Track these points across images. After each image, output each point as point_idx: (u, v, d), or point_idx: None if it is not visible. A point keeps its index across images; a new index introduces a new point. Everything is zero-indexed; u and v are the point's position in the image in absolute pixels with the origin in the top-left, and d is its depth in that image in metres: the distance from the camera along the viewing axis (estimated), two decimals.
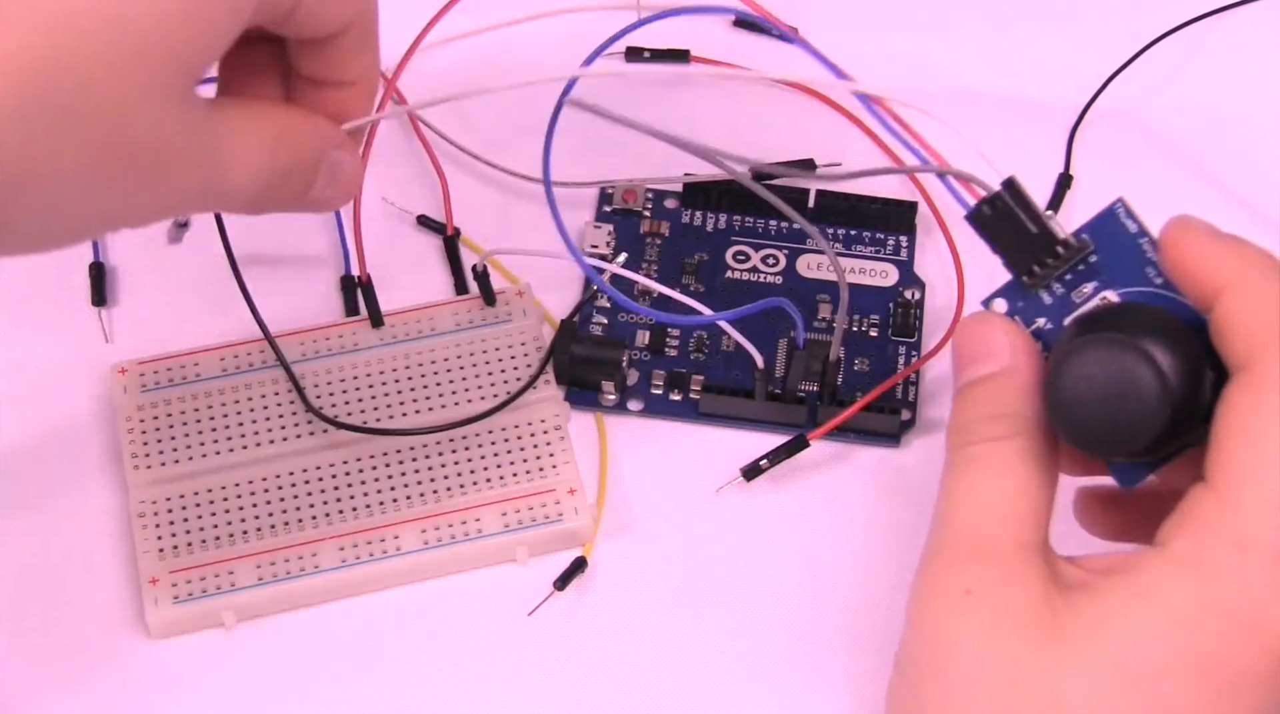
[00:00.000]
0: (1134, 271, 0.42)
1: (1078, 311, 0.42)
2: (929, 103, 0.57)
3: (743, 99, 0.58)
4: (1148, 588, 0.38)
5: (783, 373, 0.52)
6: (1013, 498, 0.40)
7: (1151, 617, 0.37)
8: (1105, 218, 0.42)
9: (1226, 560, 0.37)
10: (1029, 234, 0.42)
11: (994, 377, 0.41)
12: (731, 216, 0.55)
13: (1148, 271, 0.41)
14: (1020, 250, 0.42)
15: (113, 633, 0.48)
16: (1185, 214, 0.40)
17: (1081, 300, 0.42)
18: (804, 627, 0.48)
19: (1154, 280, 0.41)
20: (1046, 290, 0.42)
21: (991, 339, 0.41)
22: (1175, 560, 0.38)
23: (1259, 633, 0.37)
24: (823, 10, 0.60)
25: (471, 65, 0.58)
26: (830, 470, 0.51)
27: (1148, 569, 0.38)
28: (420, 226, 0.55)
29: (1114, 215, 0.42)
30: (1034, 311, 0.42)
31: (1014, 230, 0.42)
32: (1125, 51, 0.59)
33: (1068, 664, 0.38)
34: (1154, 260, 0.41)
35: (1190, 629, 0.37)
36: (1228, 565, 0.37)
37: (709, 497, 0.50)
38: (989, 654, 0.38)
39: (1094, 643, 0.38)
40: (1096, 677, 0.37)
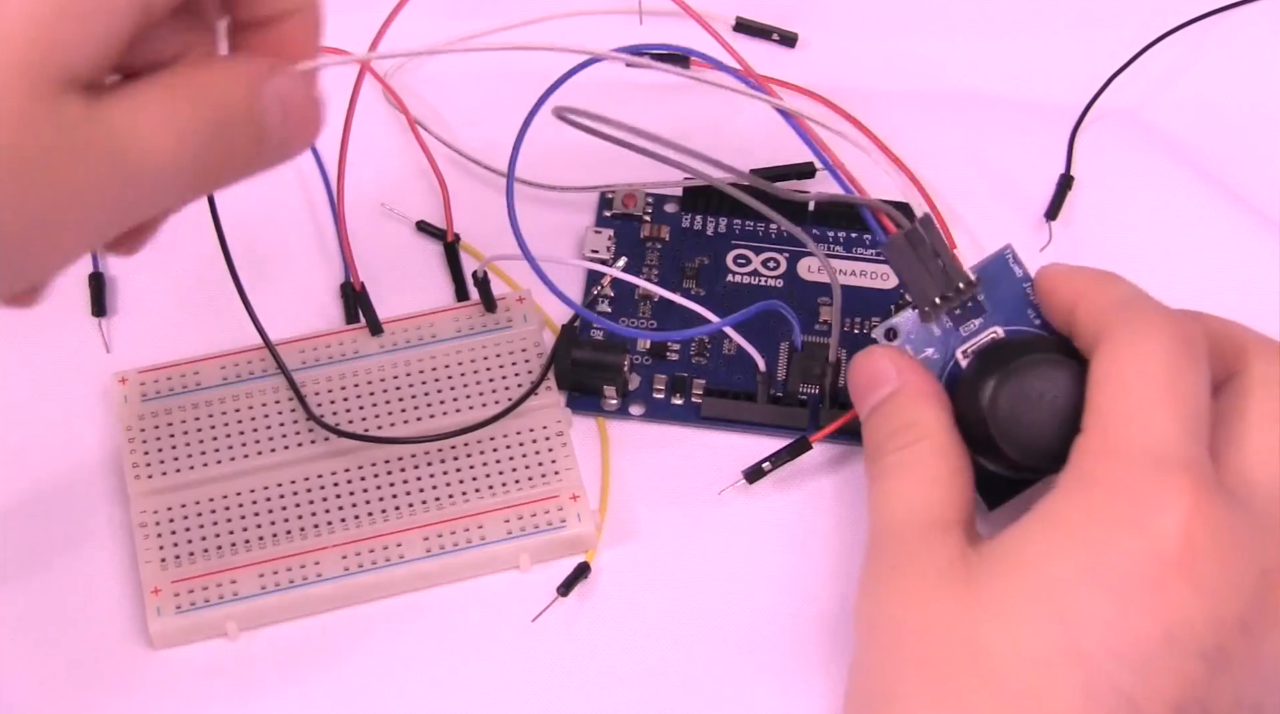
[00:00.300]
0: (1018, 312, 0.47)
1: (967, 344, 0.47)
2: (930, 105, 0.58)
3: (741, 103, 0.58)
4: (1041, 515, 0.42)
5: (784, 376, 0.52)
6: (927, 488, 0.44)
7: (1046, 538, 0.41)
8: (995, 262, 0.47)
9: (1103, 473, 0.41)
10: (936, 270, 0.46)
11: (889, 397, 0.46)
12: (732, 220, 0.55)
13: (1028, 313, 0.47)
14: (924, 284, 0.46)
15: (115, 643, 0.48)
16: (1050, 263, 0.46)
17: (969, 334, 0.47)
18: (808, 629, 0.48)
19: (1033, 321, 0.47)
20: (937, 323, 0.47)
21: (879, 368, 0.46)
22: (1061, 488, 0.42)
23: (1142, 534, 0.40)
24: (824, 14, 0.60)
25: (471, 69, 0.58)
26: (833, 472, 0.51)
27: (1041, 503, 0.42)
28: (420, 232, 0.55)
29: (1004, 260, 0.47)
30: (924, 342, 0.47)
31: (922, 264, 0.46)
32: (1126, 52, 0.59)
33: (981, 603, 0.41)
34: (1035, 303, 0.47)
35: (1080, 541, 0.40)
36: (1104, 476, 0.41)
37: (712, 500, 0.50)
38: (913, 612, 0.42)
39: (999, 576, 0.41)
40: (1006, 605, 0.41)
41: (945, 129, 0.57)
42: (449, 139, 0.56)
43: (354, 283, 0.52)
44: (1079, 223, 0.56)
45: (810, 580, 0.49)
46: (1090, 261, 0.54)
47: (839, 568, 0.49)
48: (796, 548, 0.50)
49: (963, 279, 0.46)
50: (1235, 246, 0.55)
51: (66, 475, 0.51)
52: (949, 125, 0.57)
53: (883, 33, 0.60)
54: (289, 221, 0.55)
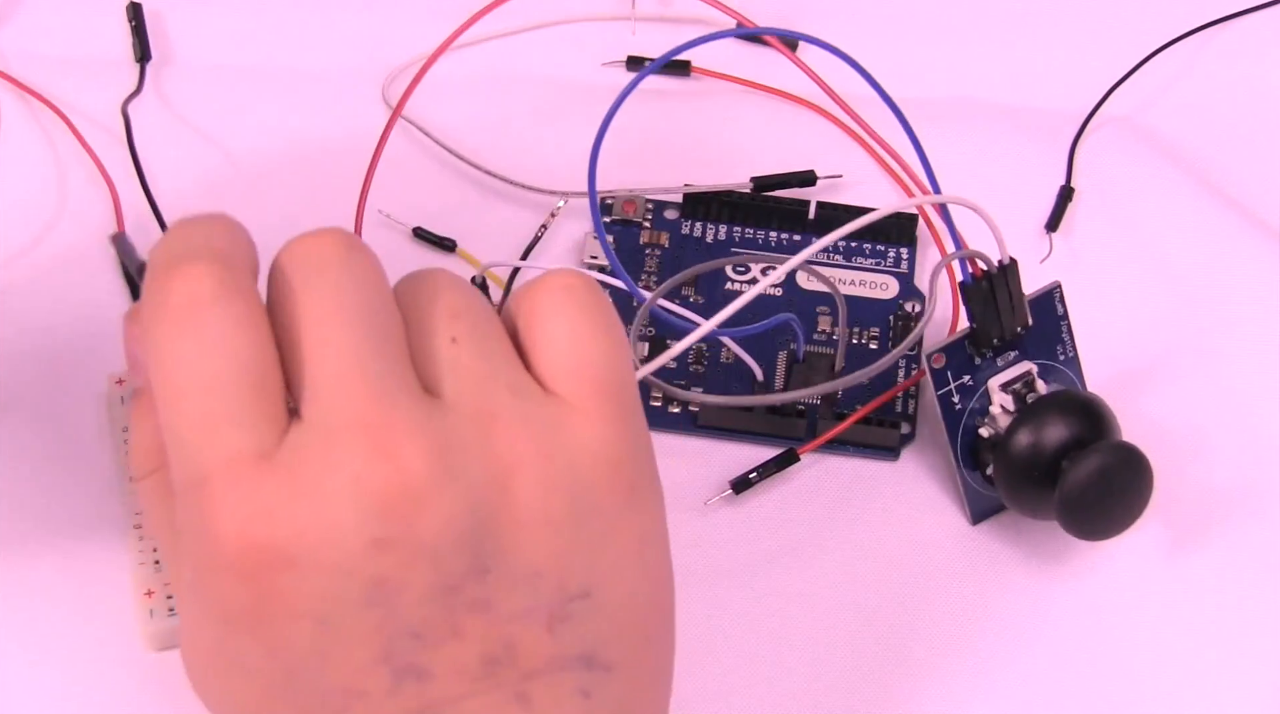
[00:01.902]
0: (1048, 349, 0.49)
1: (1001, 376, 0.48)
2: (930, 113, 0.58)
3: (742, 110, 0.58)
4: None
5: (782, 386, 0.52)
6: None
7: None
8: (1044, 298, 0.48)
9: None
10: (1007, 313, 0.47)
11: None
12: (731, 228, 0.55)
13: (1056, 349, 0.49)
14: (992, 325, 0.47)
15: (110, 646, 0.48)
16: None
17: (1004, 365, 0.48)
18: (793, 641, 0.48)
19: (1058, 357, 0.49)
20: (979, 354, 0.48)
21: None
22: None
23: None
24: (824, 20, 0.60)
25: (471, 73, 0.58)
26: (827, 484, 0.51)
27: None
28: (417, 239, 0.55)
29: (1051, 297, 0.48)
30: (963, 370, 0.48)
31: (995, 307, 0.47)
32: (1127, 61, 0.59)
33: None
34: (1064, 340, 0.49)
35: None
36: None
37: (699, 510, 0.50)
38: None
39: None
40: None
41: (945, 137, 0.57)
42: (448, 143, 0.56)
43: None
44: (1080, 234, 0.56)
45: (797, 592, 0.49)
46: (1091, 273, 0.54)
47: (826, 578, 0.49)
48: (783, 559, 0.49)
49: (1024, 323, 0.47)
50: (1237, 257, 0.55)
51: (63, 476, 0.50)
52: (949, 134, 0.57)
53: (883, 40, 0.60)
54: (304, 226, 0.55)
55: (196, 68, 0.59)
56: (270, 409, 0.34)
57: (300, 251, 0.36)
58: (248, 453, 0.34)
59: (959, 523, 0.50)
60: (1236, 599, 0.49)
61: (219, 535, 0.34)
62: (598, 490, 0.35)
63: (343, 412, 0.34)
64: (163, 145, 0.56)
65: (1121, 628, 0.48)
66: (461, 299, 0.36)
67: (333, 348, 0.34)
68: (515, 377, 0.36)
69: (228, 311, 0.34)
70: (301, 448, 0.34)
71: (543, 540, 0.35)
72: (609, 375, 0.36)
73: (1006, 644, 0.48)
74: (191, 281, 0.34)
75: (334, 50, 0.59)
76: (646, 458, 0.37)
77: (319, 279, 0.35)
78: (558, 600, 0.35)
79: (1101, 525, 0.47)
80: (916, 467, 0.51)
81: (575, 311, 0.36)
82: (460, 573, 0.34)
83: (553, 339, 0.36)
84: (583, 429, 0.35)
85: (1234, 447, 0.51)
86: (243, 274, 0.35)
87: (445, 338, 0.36)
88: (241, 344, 0.34)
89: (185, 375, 0.34)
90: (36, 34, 0.59)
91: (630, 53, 0.59)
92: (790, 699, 0.47)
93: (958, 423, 0.48)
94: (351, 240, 0.36)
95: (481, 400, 0.35)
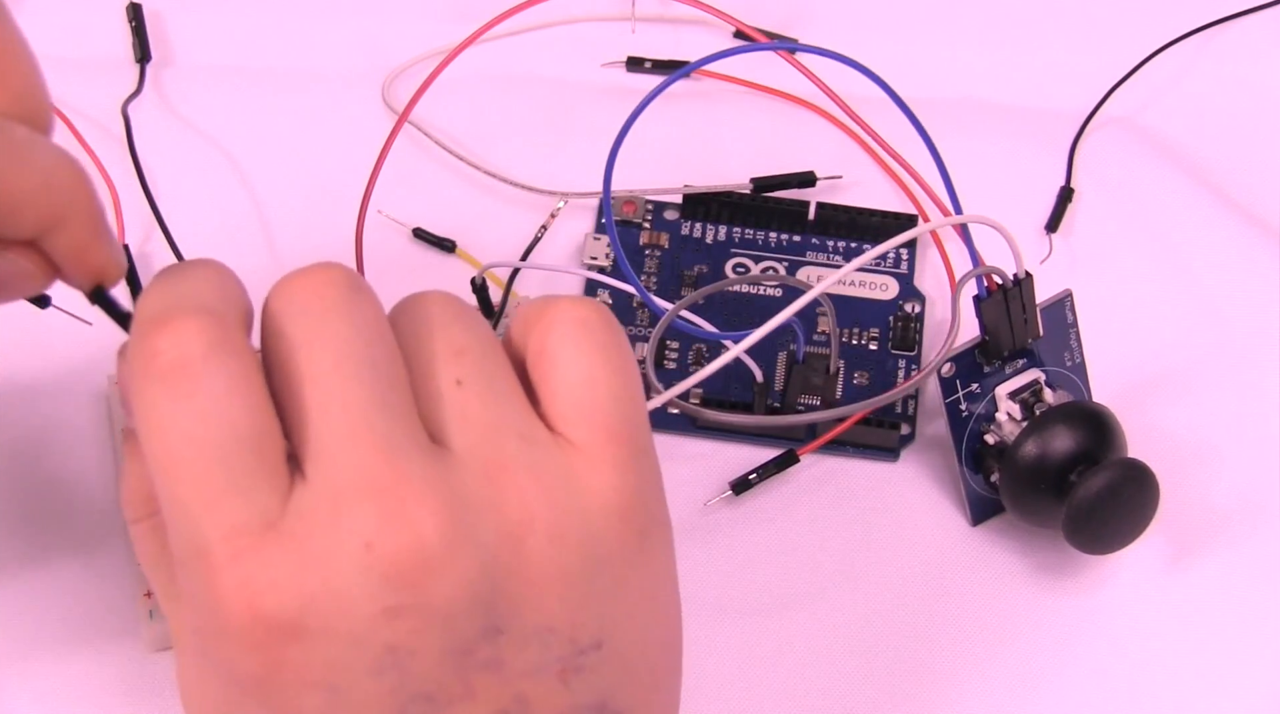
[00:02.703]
0: (1055, 356, 0.49)
1: (1008, 384, 0.48)
2: (930, 113, 0.58)
3: (742, 111, 0.58)
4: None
5: (782, 387, 0.52)
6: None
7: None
8: (1055, 307, 0.48)
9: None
10: (1019, 325, 0.47)
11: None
12: (731, 228, 0.55)
13: (1064, 356, 0.49)
14: (1004, 336, 0.47)
15: (110, 647, 0.48)
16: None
17: (1012, 372, 0.48)
18: (791, 642, 0.48)
19: (1065, 363, 0.49)
20: (988, 363, 0.48)
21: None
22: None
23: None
24: (823, 21, 0.60)
25: (471, 73, 0.58)
26: (827, 485, 0.51)
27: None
28: (417, 239, 0.55)
29: (1061, 306, 0.48)
30: (971, 377, 0.48)
31: (1009, 319, 0.47)
32: (1127, 62, 0.59)
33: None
34: (1071, 346, 0.49)
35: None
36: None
37: (699, 511, 0.50)
38: None
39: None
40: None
41: (945, 138, 0.57)
42: (448, 143, 0.56)
43: None
44: (1079, 234, 0.55)
45: (796, 593, 0.49)
46: (1091, 273, 0.54)
47: (826, 579, 0.49)
48: (782, 560, 0.49)
49: (1035, 336, 0.48)
50: (1237, 258, 0.55)
51: (62, 477, 0.50)
52: (949, 134, 0.57)
53: (882, 41, 0.60)
54: (305, 227, 0.55)
55: (197, 68, 0.59)
56: (271, 473, 0.33)
57: (298, 296, 0.34)
58: (251, 524, 0.32)
59: (959, 524, 0.50)
60: (1237, 609, 0.49)
61: (224, 607, 0.32)
62: (609, 540, 0.34)
63: (350, 472, 0.32)
64: (163, 146, 0.56)
65: (1120, 631, 0.48)
66: (464, 333, 0.35)
67: (337, 404, 0.33)
68: (524, 422, 0.34)
69: (220, 372, 0.32)
70: (308, 512, 0.33)
71: (555, 596, 0.34)
72: (622, 420, 0.35)
73: (1006, 646, 0.48)
74: (180, 339, 0.32)
75: (334, 51, 0.59)
76: (657, 500, 0.36)
77: (319, 330, 0.33)
78: (570, 653, 0.34)
79: (1106, 541, 0.47)
80: (916, 467, 0.51)
81: (591, 350, 0.35)
82: (473, 635, 0.33)
83: (565, 379, 0.35)
84: (594, 477, 0.34)
85: (1233, 446, 0.51)
86: (235, 328, 0.33)
87: (450, 380, 0.34)
88: (237, 407, 0.32)
89: (179, 443, 0.32)
90: (36, 34, 0.58)
91: (630, 53, 0.59)
92: (789, 699, 0.47)
93: (964, 429, 0.48)
94: (352, 282, 0.34)
95: (491, 451, 0.34)
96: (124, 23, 0.59)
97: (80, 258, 0.36)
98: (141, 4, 0.59)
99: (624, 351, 0.35)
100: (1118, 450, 0.47)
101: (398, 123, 0.52)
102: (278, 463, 0.33)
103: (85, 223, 0.35)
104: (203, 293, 0.34)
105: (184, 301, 0.33)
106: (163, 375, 0.32)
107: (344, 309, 0.34)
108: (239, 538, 0.32)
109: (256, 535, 0.32)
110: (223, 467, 0.32)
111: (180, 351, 0.32)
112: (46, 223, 0.35)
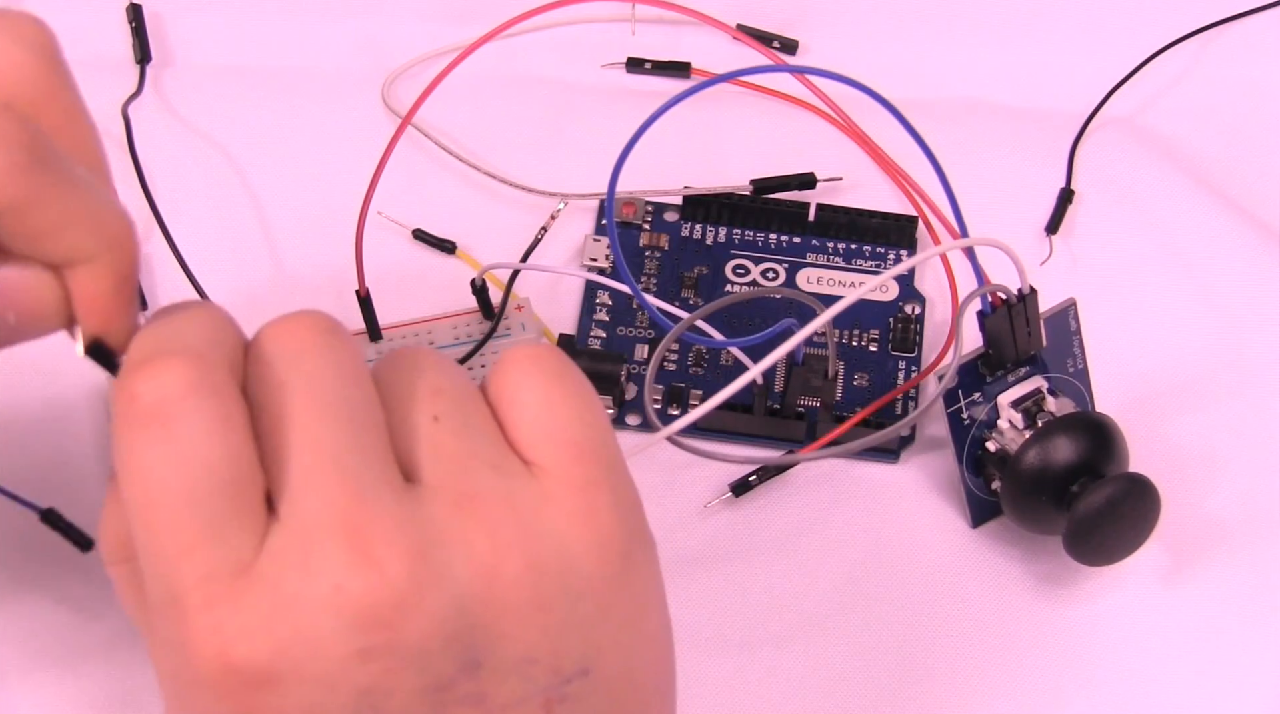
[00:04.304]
0: (1059, 363, 0.49)
1: (1011, 392, 0.48)
2: (931, 114, 0.58)
3: (742, 112, 0.58)
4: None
5: (782, 388, 0.52)
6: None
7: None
8: (1058, 316, 0.48)
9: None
10: (1023, 337, 0.47)
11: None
12: (731, 230, 0.55)
13: (1066, 362, 0.49)
14: (1007, 349, 0.47)
15: (110, 646, 0.48)
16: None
17: (1015, 381, 0.48)
18: (790, 642, 0.48)
19: (1068, 369, 0.49)
20: (991, 373, 0.48)
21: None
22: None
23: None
24: (824, 21, 0.60)
25: (472, 75, 0.58)
26: (827, 487, 0.51)
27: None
28: (416, 241, 0.55)
29: (1065, 315, 0.48)
30: (973, 387, 0.48)
31: (1012, 332, 0.47)
32: (1128, 63, 0.59)
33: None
34: (1074, 354, 0.49)
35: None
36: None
37: (700, 512, 0.50)
38: None
39: None
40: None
41: (945, 139, 0.57)
42: (448, 145, 0.56)
43: (360, 289, 0.52)
44: (1080, 236, 0.55)
45: (796, 594, 0.49)
46: (1091, 275, 0.54)
47: (826, 581, 0.49)
48: (782, 562, 0.49)
49: (1039, 348, 0.47)
50: (1238, 259, 0.55)
51: (61, 479, 0.50)
52: (949, 135, 0.57)
53: (884, 41, 0.60)
54: (305, 229, 0.55)
55: (197, 69, 0.59)
56: (247, 516, 0.33)
57: (277, 338, 0.34)
58: (223, 569, 0.32)
59: (960, 526, 0.50)
60: (1240, 616, 0.49)
61: (196, 655, 0.32)
62: (589, 565, 0.34)
63: (319, 513, 0.32)
64: (163, 147, 0.56)
65: (1124, 638, 0.48)
66: (443, 377, 0.35)
67: (309, 444, 0.33)
68: (497, 454, 0.34)
69: (197, 415, 0.32)
70: (279, 555, 0.32)
71: (535, 626, 0.33)
72: (586, 438, 0.35)
73: (1007, 652, 0.48)
74: (157, 383, 0.32)
75: (334, 52, 0.59)
76: (635, 517, 0.35)
77: (295, 370, 0.34)
78: (555, 683, 0.34)
79: (1106, 553, 0.47)
80: (916, 469, 0.51)
81: (543, 378, 0.35)
82: (451, 671, 0.33)
83: (524, 408, 0.35)
84: (568, 501, 0.34)
85: (1235, 449, 0.51)
86: (216, 370, 0.33)
87: (427, 416, 0.34)
88: (214, 450, 0.32)
89: (154, 487, 0.32)
90: None
91: (630, 54, 0.59)
92: (788, 700, 0.47)
93: (965, 436, 0.48)
94: (328, 325, 0.34)
95: (463, 483, 0.34)
96: (124, 24, 0.59)
97: (97, 299, 0.35)
98: (142, 5, 0.59)
99: (577, 378, 0.35)
100: (1120, 461, 0.47)
101: (401, 125, 0.52)
102: (255, 504, 0.33)
103: (115, 267, 0.35)
104: (187, 335, 0.34)
105: (166, 345, 0.33)
106: (139, 418, 0.32)
107: (321, 351, 0.34)
108: (211, 584, 0.32)
109: (229, 581, 0.32)
110: (197, 511, 0.32)
111: (157, 395, 0.32)
112: (80, 252, 0.35)
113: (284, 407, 0.33)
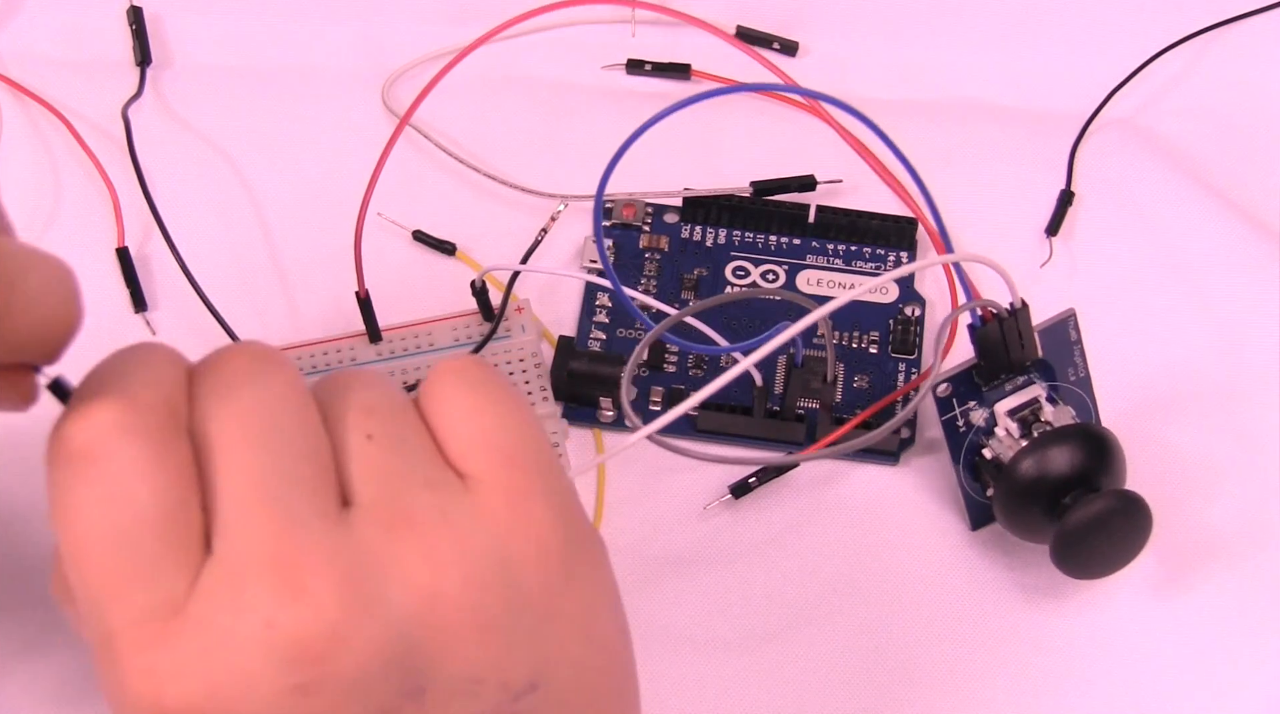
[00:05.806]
0: (1059, 371, 0.48)
1: (1009, 400, 0.47)
2: (931, 115, 0.58)
3: (742, 114, 0.58)
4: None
5: (781, 390, 0.52)
6: None
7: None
8: (1057, 326, 0.48)
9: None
10: (1015, 350, 0.47)
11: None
12: (731, 232, 0.55)
13: (1067, 371, 0.48)
14: (1000, 362, 0.47)
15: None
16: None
17: (1013, 389, 0.48)
18: (790, 643, 0.48)
19: (1069, 377, 0.48)
20: (987, 383, 0.48)
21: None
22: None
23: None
24: (824, 23, 0.60)
25: (472, 76, 0.58)
26: (827, 489, 0.51)
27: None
28: (416, 242, 0.55)
29: (1064, 326, 0.48)
30: (969, 396, 0.47)
31: (1005, 346, 0.47)
32: (1128, 64, 0.59)
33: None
34: (1075, 362, 0.48)
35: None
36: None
37: (700, 514, 0.50)
38: None
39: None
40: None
41: (946, 140, 0.57)
42: (448, 146, 0.56)
43: (359, 290, 0.52)
44: (1080, 238, 0.55)
45: (796, 595, 0.49)
46: (1092, 277, 0.54)
47: (825, 582, 0.49)
48: (782, 563, 0.49)
49: (1033, 357, 0.47)
50: (1238, 261, 0.55)
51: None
52: (949, 136, 0.57)
53: (884, 43, 0.60)
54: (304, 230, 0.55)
55: (197, 71, 0.59)
56: (180, 555, 0.32)
57: (209, 373, 0.34)
58: (155, 610, 0.32)
59: (959, 528, 0.50)
60: (1238, 626, 0.49)
61: (130, 698, 0.32)
62: (529, 576, 0.33)
63: (249, 547, 0.32)
64: (163, 148, 0.56)
65: (1120, 646, 0.48)
66: (375, 395, 0.34)
67: (237, 476, 0.32)
68: (431, 469, 0.34)
69: (125, 455, 0.32)
70: (211, 592, 0.32)
71: (479, 645, 0.33)
72: (514, 442, 0.34)
73: (1003, 652, 0.48)
74: (86, 424, 0.32)
75: (333, 53, 0.59)
76: (574, 520, 0.35)
77: (225, 403, 0.33)
78: (504, 700, 0.33)
79: (1093, 568, 0.47)
80: (916, 470, 0.51)
81: (467, 389, 0.34)
82: (394, 699, 0.32)
83: (451, 419, 0.34)
84: (503, 512, 0.33)
85: (1234, 455, 0.51)
86: (149, 411, 0.32)
87: (360, 435, 0.34)
88: (143, 490, 0.32)
89: (83, 529, 0.32)
90: (36, 37, 0.59)
91: (630, 56, 0.59)
92: (787, 701, 0.47)
93: (961, 443, 0.48)
94: (258, 353, 0.34)
95: (398, 502, 0.33)
96: (124, 25, 0.59)
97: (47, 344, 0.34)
98: (142, 7, 0.59)
99: (502, 385, 0.35)
100: (1115, 474, 0.47)
101: (399, 126, 0.52)
102: (190, 543, 0.32)
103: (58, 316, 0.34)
104: (127, 377, 0.33)
105: (100, 387, 0.33)
106: (68, 460, 0.32)
107: (251, 381, 0.33)
108: (143, 625, 0.32)
109: (161, 622, 0.32)
110: (127, 552, 0.32)
111: (85, 436, 0.32)
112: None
113: (216, 440, 0.33)
